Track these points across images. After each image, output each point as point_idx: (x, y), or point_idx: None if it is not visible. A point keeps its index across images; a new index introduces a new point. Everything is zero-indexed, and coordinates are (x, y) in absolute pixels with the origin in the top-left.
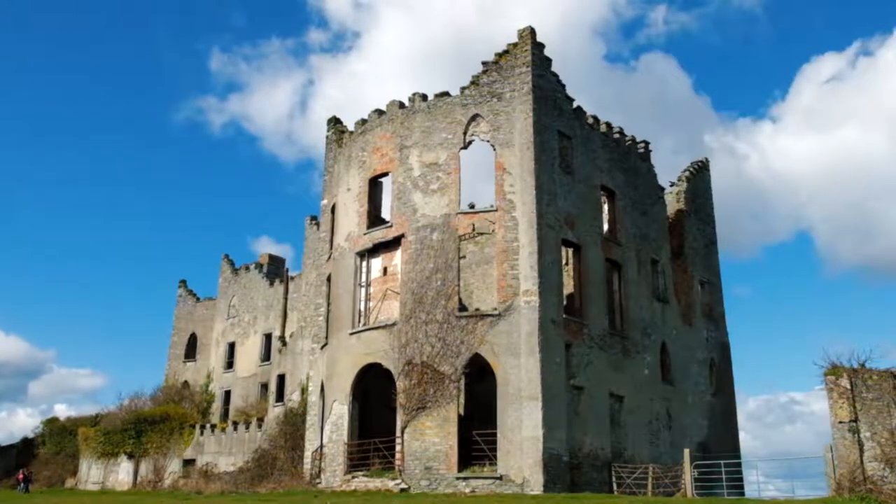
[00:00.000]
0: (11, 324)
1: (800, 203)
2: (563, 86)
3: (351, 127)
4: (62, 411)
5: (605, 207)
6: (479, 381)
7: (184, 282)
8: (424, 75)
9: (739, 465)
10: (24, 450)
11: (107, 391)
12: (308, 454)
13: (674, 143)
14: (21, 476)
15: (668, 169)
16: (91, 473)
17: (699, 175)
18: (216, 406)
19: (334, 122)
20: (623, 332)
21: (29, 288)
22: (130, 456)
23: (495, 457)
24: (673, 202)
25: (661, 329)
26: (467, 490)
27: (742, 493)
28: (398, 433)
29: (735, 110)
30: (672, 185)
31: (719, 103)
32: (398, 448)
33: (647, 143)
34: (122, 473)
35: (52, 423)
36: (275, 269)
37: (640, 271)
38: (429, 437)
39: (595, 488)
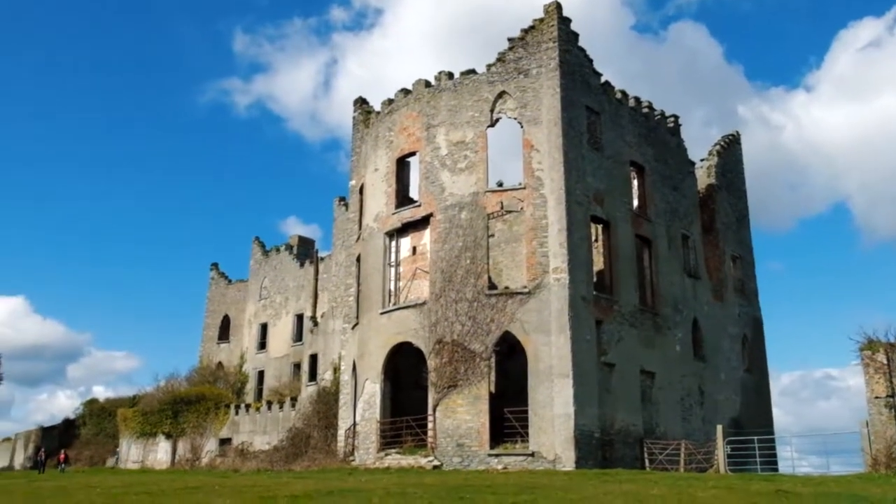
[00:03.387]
0: (49, 308)
1: (836, 174)
2: (591, 60)
3: (377, 107)
4: (100, 393)
5: (635, 183)
6: (510, 358)
7: (216, 264)
8: (449, 52)
9: (773, 441)
10: (66, 430)
11: (142, 373)
12: (341, 432)
13: (705, 114)
14: (62, 456)
15: (700, 141)
16: (131, 453)
17: (730, 149)
18: (250, 386)
19: (360, 102)
20: (654, 309)
21: (65, 273)
22: (168, 436)
23: (527, 434)
24: (704, 177)
25: (693, 305)
26: (499, 467)
27: (776, 470)
28: (430, 411)
29: (768, 80)
30: (703, 159)
31: (752, 72)
32: (430, 426)
33: (676, 117)
34: (161, 453)
35: (91, 404)
36: (305, 251)
37: (671, 247)
38: (460, 415)
39: (627, 464)
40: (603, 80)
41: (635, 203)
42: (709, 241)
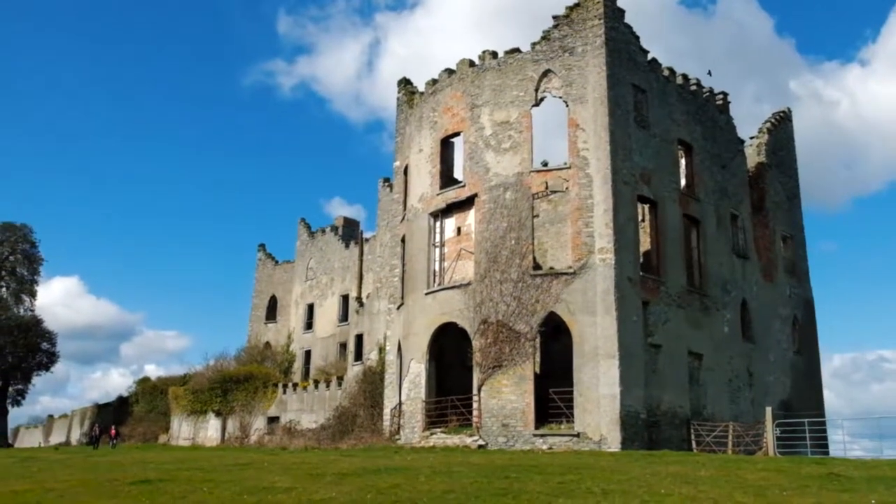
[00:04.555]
0: (103, 289)
1: (893, 151)
2: (637, 37)
3: (421, 87)
4: (152, 371)
5: (682, 162)
6: (555, 339)
7: (263, 246)
8: (493, 31)
9: (824, 424)
10: (120, 408)
11: (192, 352)
12: (387, 411)
13: (756, 90)
14: (113, 432)
15: (751, 118)
16: (182, 430)
17: (781, 126)
18: (297, 365)
19: (404, 83)
20: (702, 290)
21: (117, 254)
22: (218, 413)
23: (572, 414)
24: (753, 155)
25: (742, 286)
26: (544, 447)
27: (826, 453)
28: (475, 391)
29: (822, 54)
30: (752, 137)
31: (804, 46)
32: (475, 406)
33: (725, 94)
34: (211, 430)
35: (144, 382)
36: (350, 232)
37: (720, 227)
38: (505, 395)
39: (674, 446)
40: (650, 57)
41: (683, 182)
42: (758, 220)
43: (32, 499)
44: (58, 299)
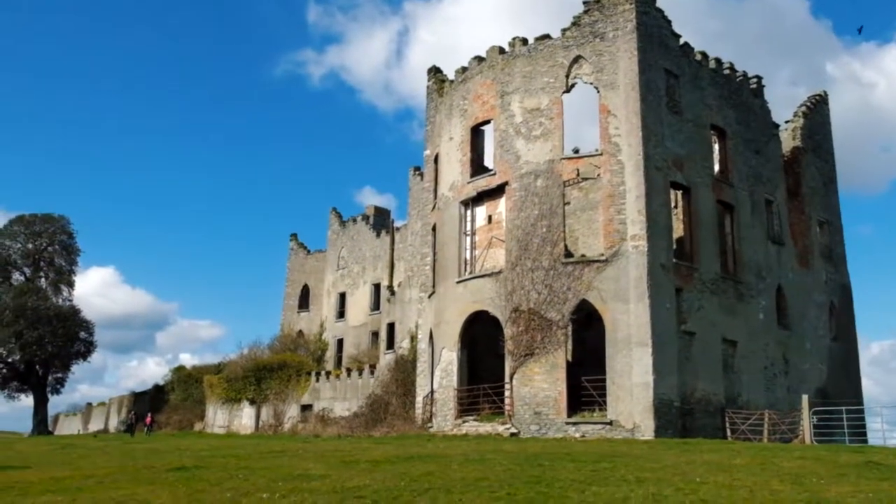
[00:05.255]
0: (138, 279)
1: None
2: (669, 21)
3: (451, 75)
4: (186, 360)
5: (716, 147)
6: (587, 327)
7: (294, 235)
8: (522, 17)
9: (862, 411)
10: (156, 396)
11: (226, 341)
12: (419, 399)
13: (791, 73)
14: (148, 419)
15: (786, 102)
16: (217, 418)
17: (817, 109)
18: (330, 354)
19: (434, 71)
20: (736, 276)
21: (152, 245)
22: (252, 402)
23: (604, 402)
24: (789, 139)
25: (777, 272)
26: (577, 435)
27: (865, 441)
28: (507, 379)
29: (859, 35)
30: (788, 121)
31: (841, 28)
32: (507, 394)
33: (759, 78)
34: (245, 418)
35: (179, 371)
36: (381, 221)
37: (754, 212)
38: (537, 383)
39: (708, 434)
40: (682, 41)
41: (717, 168)
42: (794, 205)
43: (72, 485)
44: (95, 289)
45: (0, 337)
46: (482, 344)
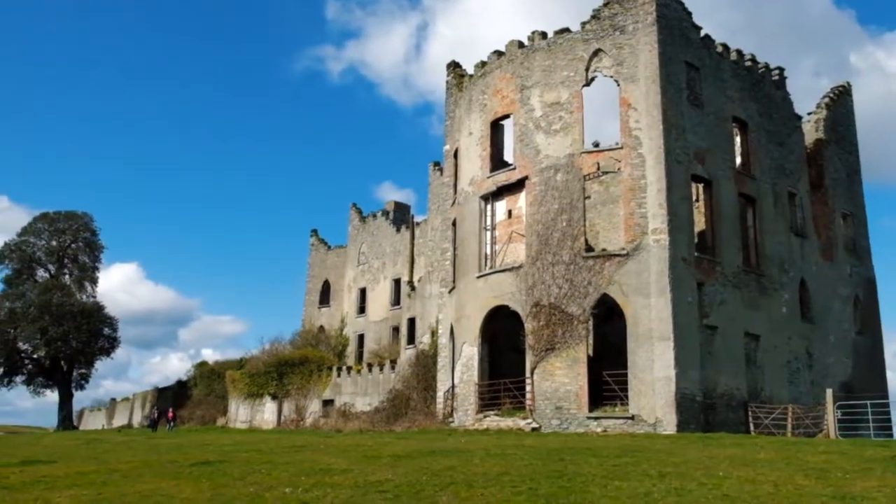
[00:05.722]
0: (160, 275)
1: None
2: (689, 13)
3: (470, 70)
4: (209, 356)
5: (738, 140)
6: (608, 321)
7: (315, 231)
8: (541, 11)
9: (887, 405)
10: (179, 391)
11: (248, 336)
12: (440, 394)
13: (814, 64)
14: (171, 415)
15: (810, 93)
16: (239, 413)
17: (840, 101)
18: (351, 349)
19: (453, 66)
20: (759, 270)
21: (174, 241)
22: (274, 397)
23: (626, 397)
24: (812, 131)
25: (800, 265)
26: (598, 429)
27: (890, 436)
28: (528, 374)
29: (883, 24)
30: (810, 113)
31: (865, 17)
32: (528, 388)
33: (781, 69)
34: (268, 413)
35: (202, 366)
36: (401, 216)
37: (777, 205)
38: (558, 378)
39: (731, 428)
40: (702, 33)
41: (738, 160)
42: (817, 198)
43: (98, 479)
44: (118, 285)
45: (26, 333)
46: (502, 339)
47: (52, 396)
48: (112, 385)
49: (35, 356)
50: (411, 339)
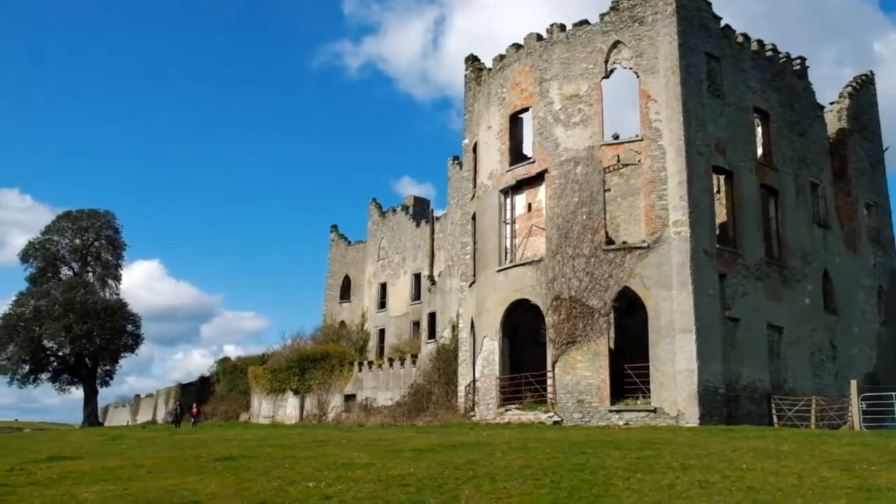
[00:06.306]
0: (182, 271)
1: None
2: (709, 3)
3: (488, 63)
4: (231, 351)
5: (759, 130)
6: (629, 314)
7: (335, 227)
8: (559, 3)
9: None
10: (202, 387)
11: (269, 332)
12: (461, 388)
13: (836, 53)
14: (195, 411)
15: (832, 82)
16: (262, 408)
17: (863, 90)
18: (372, 344)
19: (471, 60)
20: (781, 261)
21: (195, 238)
22: (296, 392)
23: (648, 390)
24: (834, 121)
25: (823, 256)
26: (620, 423)
27: None
28: (549, 367)
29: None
30: (833, 102)
31: (888, 4)
32: (549, 382)
33: (803, 59)
34: (290, 408)
35: (224, 362)
36: (420, 211)
37: (799, 196)
38: (580, 371)
39: (754, 421)
40: (722, 23)
41: (760, 151)
42: (840, 188)
43: (124, 474)
44: (140, 282)
45: (51, 331)
46: (523, 332)
47: (77, 393)
48: (136, 381)
49: (60, 353)
50: (432, 333)
